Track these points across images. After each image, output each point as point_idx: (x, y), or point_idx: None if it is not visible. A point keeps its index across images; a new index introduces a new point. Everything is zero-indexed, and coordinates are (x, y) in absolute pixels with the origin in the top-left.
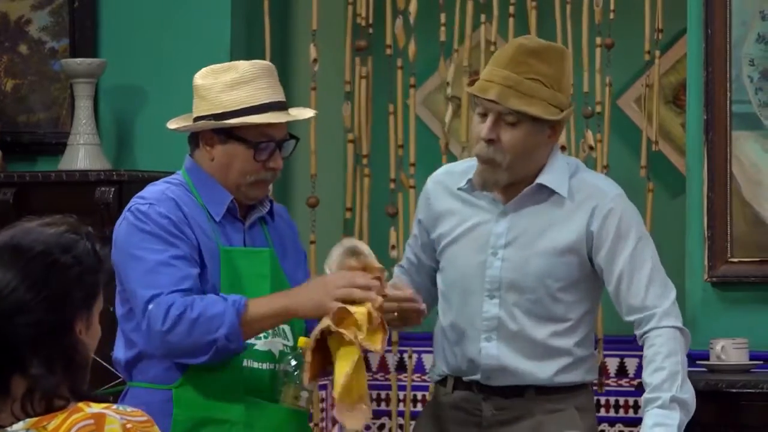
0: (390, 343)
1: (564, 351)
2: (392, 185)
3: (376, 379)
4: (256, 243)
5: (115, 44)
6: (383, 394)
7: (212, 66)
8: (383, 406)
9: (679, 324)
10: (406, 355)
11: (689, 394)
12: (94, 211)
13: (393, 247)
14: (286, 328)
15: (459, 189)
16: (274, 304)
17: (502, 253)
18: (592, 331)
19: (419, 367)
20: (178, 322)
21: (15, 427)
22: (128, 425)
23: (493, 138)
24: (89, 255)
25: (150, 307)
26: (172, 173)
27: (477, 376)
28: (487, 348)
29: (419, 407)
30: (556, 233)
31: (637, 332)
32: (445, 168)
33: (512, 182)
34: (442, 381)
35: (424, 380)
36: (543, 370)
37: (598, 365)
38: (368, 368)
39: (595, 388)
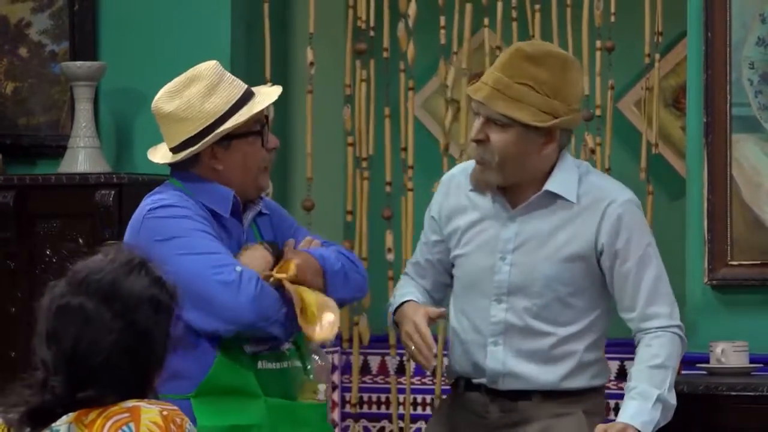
0: (388, 346)
1: (571, 356)
2: (388, 188)
3: (376, 383)
4: (251, 241)
5: (115, 47)
6: (383, 397)
7: (164, 92)
8: (383, 409)
9: (681, 332)
10: (404, 358)
11: (673, 401)
12: (94, 214)
13: (389, 250)
14: None
15: (470, 191)
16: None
17: (510, 258)
18: (602, 335)
19: (419, 370)
20: (263, 293)
21: (59, 422)
22: (164, 412)
23: (481, 138)
24: (171, 302)
25: (242, 274)
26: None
27: (483, 380)
28: (493, 352)
29: (419, 410)
30: (564, 238)
31: (636, 329)
32: (461, 166)
33: (513, 185)
34: (456, 382)
35: (424, 383)
36: (549, 375)
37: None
38: (368, 371)
39: None
